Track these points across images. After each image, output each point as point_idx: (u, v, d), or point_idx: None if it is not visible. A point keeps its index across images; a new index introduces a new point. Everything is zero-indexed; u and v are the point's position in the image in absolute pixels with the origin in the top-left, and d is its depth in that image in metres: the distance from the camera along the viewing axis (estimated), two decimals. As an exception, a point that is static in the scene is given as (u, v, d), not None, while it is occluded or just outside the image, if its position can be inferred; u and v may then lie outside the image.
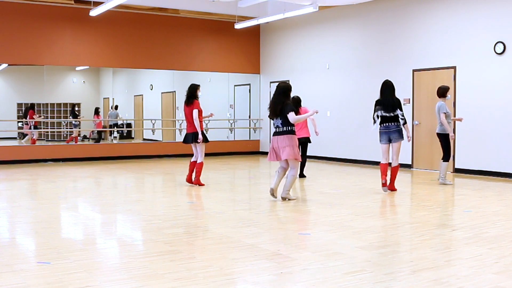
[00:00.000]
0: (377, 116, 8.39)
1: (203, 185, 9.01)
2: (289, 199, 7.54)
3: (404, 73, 12.05)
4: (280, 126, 7.31)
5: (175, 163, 13.49)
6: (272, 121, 7.61)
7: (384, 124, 8.33)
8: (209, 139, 9.22)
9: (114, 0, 11.14)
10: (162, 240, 5.24)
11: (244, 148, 16.12)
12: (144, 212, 6.86)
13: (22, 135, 16.90)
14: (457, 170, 10.99)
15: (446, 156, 9.27)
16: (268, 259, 4.48)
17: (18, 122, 17.08)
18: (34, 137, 15.58)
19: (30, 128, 15.76)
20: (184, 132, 9.52)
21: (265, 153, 16.36)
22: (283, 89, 7.46)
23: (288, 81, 7.75)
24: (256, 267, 4.29)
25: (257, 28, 16.13)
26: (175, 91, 17.52)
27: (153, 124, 16.09)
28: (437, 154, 11.37)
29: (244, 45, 16.14)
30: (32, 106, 15.91)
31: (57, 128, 17.26)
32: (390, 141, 8.35)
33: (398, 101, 8.40)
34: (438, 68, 11.34)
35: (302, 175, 10.18)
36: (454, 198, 8.39)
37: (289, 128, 7.28)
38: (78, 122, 16.69)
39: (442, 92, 9.29)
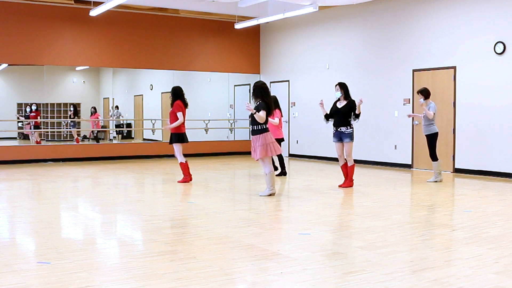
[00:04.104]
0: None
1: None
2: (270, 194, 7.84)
3: (404, 73, 12.06)
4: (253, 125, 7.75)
5: (175, 163, 13.47)
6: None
7: None
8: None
9: (114, 0, 11.14)
10: (162, 240, 5.24)
11: (244, 148, 16.09)
12: (144, 212, 6.86)
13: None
14: (457, 170, 10.99)
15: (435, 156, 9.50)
16: (268, 259, 4.48)
17: (19, 122, 17.08)
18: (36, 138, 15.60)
19: (30, 128, 15.77)
20: (187, 132, 9.73)
21: (265, 153, 16.37)
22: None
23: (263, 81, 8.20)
24: (256, 267, 4.29)
25: (257, 28, 16.13)
26: (175, 91, 17.50)
27: (153, 124, 16.10)
28: (437, 154, 11.37)
29: (244, 45, 16.14)
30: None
31: (57, 128, 17.25)
32: None
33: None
34: (438, 68, 11.34)
35: (283, 173, 10.43)
36: (454, 198, 8.39)
37: (262, 127, 7.67)
38: (74, 123, 16.63)
39: (429, 92, 9.47)
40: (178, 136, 9.34)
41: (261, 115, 7.61)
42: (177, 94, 9.37)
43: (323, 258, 4.56)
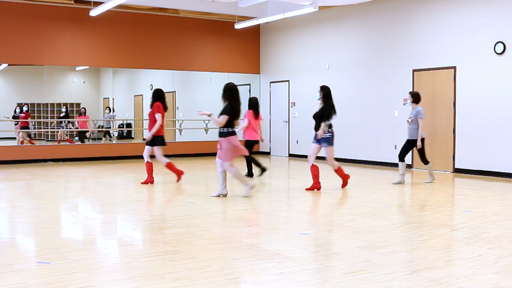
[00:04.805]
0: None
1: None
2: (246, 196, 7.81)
3: (404, 73, 12.06)
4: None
5: (175, 163, 13.46)
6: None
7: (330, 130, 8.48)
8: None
9: (114, 0, 11.14)
10: (162, 240, 5.24)
11: (244, 148, 16.12)
12: (144, 212, 6.86)
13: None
14: (457, 170, 10.99)
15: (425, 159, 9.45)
16: (268, 259, 4.48)
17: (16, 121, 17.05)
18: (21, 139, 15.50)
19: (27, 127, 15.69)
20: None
21: (266, 153, 16.38)
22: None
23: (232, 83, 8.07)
24: (256, 267, 4.29)
25: (257, 28, 16.13)
26: (175, 91, 17.51)
27: (153, 124, 16.06)
28: (437, 154, 11.39)
29: (244, 45, 16.14)
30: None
31: (56, 128, 17.24)
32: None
33: None
34: (438, 68, 11.34)
35: (252, 173, 10.38)
36: (454, 198, 8.39)
37: (226, 130, 7.57)
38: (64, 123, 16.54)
39: (419, 97, 9.36)
40: (158, 138, 9.18)
41: (218, 120, 7.52)
42: (157, 96, 9.32)
43: (323, 258, 4.56)
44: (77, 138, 16.77)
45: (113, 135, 18.06)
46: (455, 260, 4.55)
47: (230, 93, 7.64)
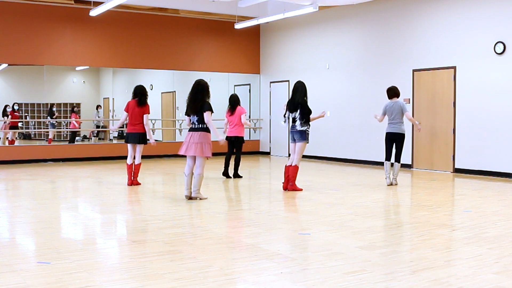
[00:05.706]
0: (284, 116, 8.51)
1: (140, 184, 9.22)
2: (200, 198, 7.57)
3: (404, 73, 12.06)
4: (196, 123, 7.43)
5: (175, 163, 13.49)
6: (189, 118, 7.54)
7: (292, 124, 8.44)
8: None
9: (114, 0, 11.15)
10: (162, 240, 5.24)
11: (244, 148, 16.06)
12: (144, 212, 6.86)
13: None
14: (457, 170, 10.99)
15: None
16: (268, 259, 4.48)
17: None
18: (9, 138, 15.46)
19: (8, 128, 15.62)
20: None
21: (266, 153, 16.37)
22: (204, 86, 7.50)
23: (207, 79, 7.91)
24: (256, 267, 4.29)
25: (257, 28, 16.13)
26: (175, 91, 17.52)
27: (153, 124, 16.08)
28: (437, 154, 11.39)
29: (244, 45, 16.14)
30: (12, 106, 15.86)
31: (57, 129, 17.25)
32: (294, 141, 8.41)
33: (303, 102, 8.29)
34: (438, 68, 11.34)
35: (237, 175, 10.23)
36: (454, 198, 8.39)
37: (204, 126, 7.40)
38: (55, 123, 16.48)
39: (389, 92, 9.27)
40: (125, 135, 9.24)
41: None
42: (134, 94, 9.27)
43: (323, 258, 4.55)
44: (77, 138, 16.77)
45: (108, 134, 17.96)
46: (455, 260, 4.55)
47: (191, 90, 7.55)
